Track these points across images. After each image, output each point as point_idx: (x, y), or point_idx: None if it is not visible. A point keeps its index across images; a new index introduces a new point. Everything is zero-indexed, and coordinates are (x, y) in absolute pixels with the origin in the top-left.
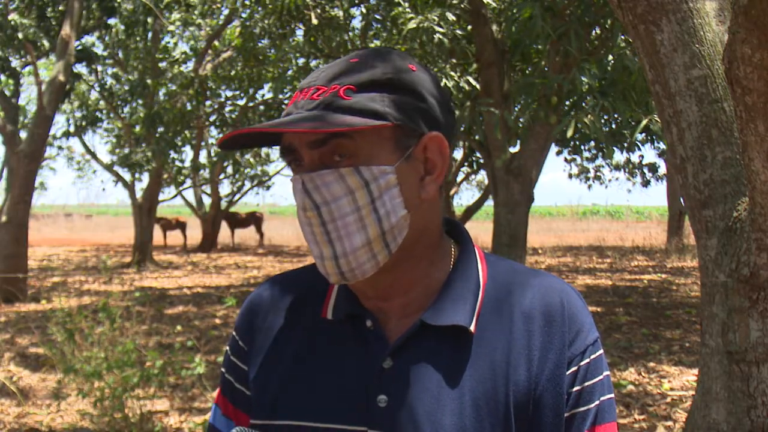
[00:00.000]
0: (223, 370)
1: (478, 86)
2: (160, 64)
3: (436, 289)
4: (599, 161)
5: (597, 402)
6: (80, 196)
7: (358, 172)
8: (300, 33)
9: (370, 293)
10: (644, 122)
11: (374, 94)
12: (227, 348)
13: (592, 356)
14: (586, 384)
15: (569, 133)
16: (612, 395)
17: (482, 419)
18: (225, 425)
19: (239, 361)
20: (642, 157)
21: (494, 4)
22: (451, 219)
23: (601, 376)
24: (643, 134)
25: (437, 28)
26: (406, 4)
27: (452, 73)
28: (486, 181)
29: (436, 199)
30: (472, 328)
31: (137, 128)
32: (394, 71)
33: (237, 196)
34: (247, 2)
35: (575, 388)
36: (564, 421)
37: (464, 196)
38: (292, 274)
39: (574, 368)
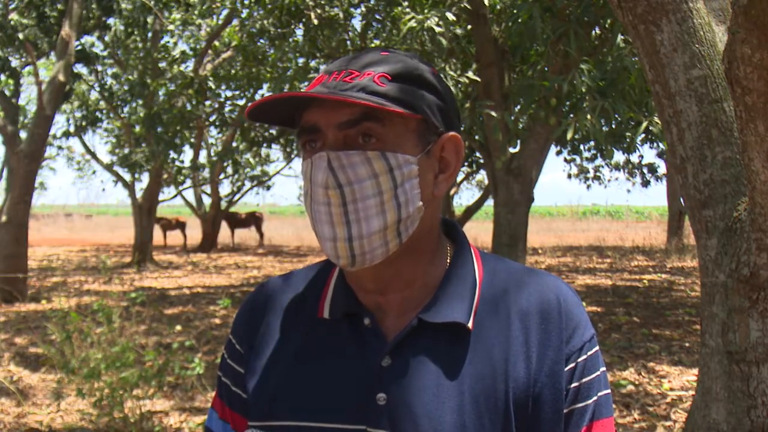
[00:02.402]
0: (219, 373)
1: (478, 78)
2: (160, 64)
3: (433, 287)
4: (599, 161)
5: (595, 398)
6: (80, 196)
7: (385, 158)
8: (300, 33)
9: (370, 286)
10: (644, 124)
11: (406, 86)
12: (224, 351)
13: (589, 352)
14: (584, 380)
15: (569, 136)
16: (608, 391)
17: (482, 416)
18: (221, 428)
19: (236, 363)
20: (642, 157)
21: (494, 1)
22: (447, 219)
23: (598, 372)
24: (643, 134)
25: (436, 28)
26: (406, 4)
27: (452, 73)
28: (486, 181)
29: (441, 198)
30: (469, 325)
31: (137, 128)
32: (423, 70)
33: (237, 196)
34: (247, 2)
35: (573, 384)
36: (563, 416)
37: (464, 196)
38: (288, 276)
39: (572, 365)
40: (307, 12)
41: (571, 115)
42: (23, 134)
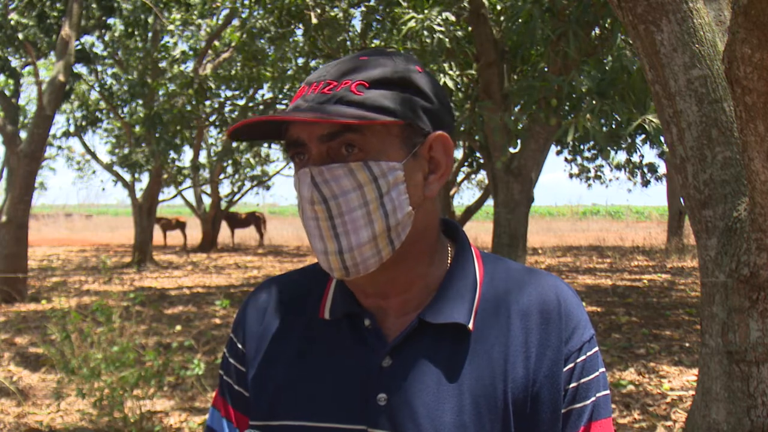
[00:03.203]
0: (221, 372)
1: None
2: (160, 64)
3: (434, 288)
4: (599, 161)
5: (593, 398)
6: (80, 196)
7: (368, 167)
8: (300, 33)
9: (369, 290)
10: (638, 122)
11: (385, 92)
12: (225, 350)
13: (588, 353)
14: (583, 380)
15: (569, 138)
16: (608, 391)
17: (482, 416)
18: (223, 427)
19: (237, 362)
20: (642, 157)
21: (494, 1)
22: (447, 219)
23: (597, 373)
24: (642, 135)
25: (437, 28)
26: (406, 4)
27: (451, 72)
28: (486, 181)
29: (435, 198)
30: (470, 325)
31: (137, 128)
32: (404, 71)
33: (237, 196)
34: (247, 2)
35: (572, 385)
36: (561, 417)
37: (464, 196)
38: (289, 276)
39: (571, 365)
40: (307, 12)
41: (571, 116)
42: (23, 134)
